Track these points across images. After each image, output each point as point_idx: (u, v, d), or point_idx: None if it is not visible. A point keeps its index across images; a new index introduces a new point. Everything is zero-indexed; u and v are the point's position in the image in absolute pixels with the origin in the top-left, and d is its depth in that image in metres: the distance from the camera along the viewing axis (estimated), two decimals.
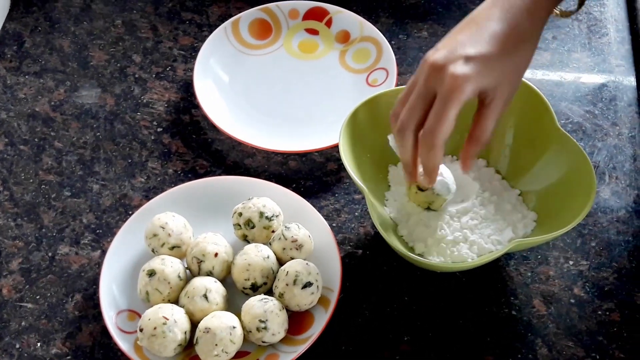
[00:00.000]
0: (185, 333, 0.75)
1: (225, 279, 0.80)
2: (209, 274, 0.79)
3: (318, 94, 0.99)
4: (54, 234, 0.86)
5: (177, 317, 0.74)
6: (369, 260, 0.84)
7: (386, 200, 0.84)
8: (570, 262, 0.83)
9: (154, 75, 1.00)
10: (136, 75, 1.00)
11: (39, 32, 1.05)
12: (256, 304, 0.75)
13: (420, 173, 0.74)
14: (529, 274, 0.82)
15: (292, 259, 0.79)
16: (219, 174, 0.90)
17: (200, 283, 0.77)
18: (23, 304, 0.81)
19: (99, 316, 0.79)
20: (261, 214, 0.81)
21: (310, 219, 0.83)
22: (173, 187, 0.86)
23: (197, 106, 0.95)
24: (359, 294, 0.81)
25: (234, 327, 0.74)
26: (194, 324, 0.76)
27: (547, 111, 0.81)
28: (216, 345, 0.73)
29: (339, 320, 0.79)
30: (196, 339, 0.74)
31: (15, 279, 0.83)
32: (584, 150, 0.78)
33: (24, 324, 0.80)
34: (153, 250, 0.80)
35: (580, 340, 0.78)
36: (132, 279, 0.80)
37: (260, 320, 0.74)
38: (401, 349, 0.78)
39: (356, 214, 0.87)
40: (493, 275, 0.82)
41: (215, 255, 0.79)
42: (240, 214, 0.81)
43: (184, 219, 0.82)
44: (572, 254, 0.84)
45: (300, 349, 0.75)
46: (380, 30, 1.00)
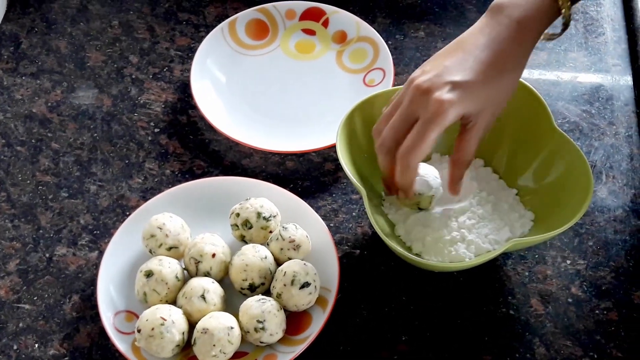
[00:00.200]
0: (183, 334, 0.75)
1: (223, 280, 0.80)
2: (207, 274, 0.79)
3: (315, 94, 0.99)
4: (51, 235, 0.86)
5: (175, 318, 0.74)
6: (367, 260, 0.84)
7: (383, 200, 0.84)
8: (568, 262, 0.83)
9: (150, 76, 1.00)
10: (133, 76, 1.00)
11: (35, 33, 1.05)
12: (254, 305, 0.75)
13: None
14: (527, 274, 0.82)
15: (290, 259, 0.79)
16: (217, 175, 0.90)
17: (198, 284, 0.77)
18: (20, 305, 0.81)
19: (96, 317, 0.78)
20: (259, 215, 0.81)
21: (308, 219, 0.83)
22: (170, 188, 0.86)
23: (194, 107, 0.95)
24: (356, 294, 0.81)
25: (232, 328, 0.74)
26: (192, 325, 0.76)
27: (544, 111, 0.81)
28: (214, 345, 0.73)
29: (336, 320, 0.79)
30: (194, 339, 0.74)
31: (13, 280, 0.83)
32: (580, 150, 0.78)
33: (21, 325, 0.80)
34: (150, 251, 0.80)
35: (578, 339, 0.78)
36: (130, 279, 0.80)
37: (258, 321, 0.74)
38: (399, 349, 0.78)
39: (354, 214, 0.87)
40: (491, 274, 0.82)
41: (213, 255, 0.79)
42: (238, 215, 0.81)
43: (181, 220, 0.82)
44: (570, 253, 0.84)
45: (298, 349, 0.75)
46: (377, 31, 1.00)
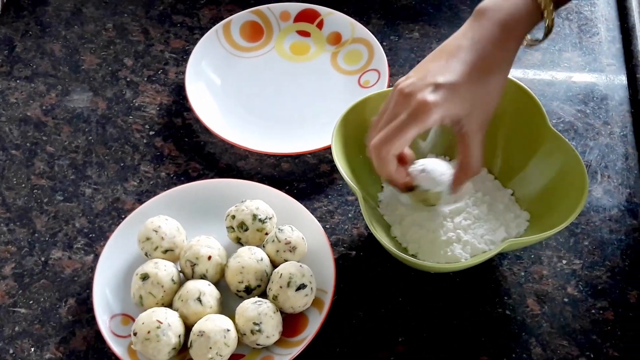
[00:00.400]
0: (179, 336, 0.75)
1: (219, 282, 0.80)
2: (203, 277, 0.78)
3: (310, 96, 0.99)
4: (47, 239, 0.86)
5: (171, 321, 0.74)
6: (363, 261, 0.84)
7: (379, 202, 0.84)
8: (564, 262, 0.83)
9: (145, 79, 1.00)
10: (128, 79, 1.00)
11: (29, 37, 1.04)
12: (250, 307, 0.75)
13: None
14: (523, 274, 0.82)
15: (286, 261, 0.79)
16: (212, 177, 0.90)
17: (194, 286, 0.76)
18: (16, 309, 0.81)
19: (92, 320, 0.78)
20: (254, 217, 0.81)
21: (304, 221, 0.83)
22: (166, 191, 0.86)
23: (189, 109, 0.95)
24: (353, 296, 0.81)
25: (228, 330, 0.74)
26: (188, 328, 0.75)
27: (539, 111, 0.81)
28: (210, 348, 0.73)
29: (333, 322, 0.79)
30: (190, 342, 0.74)
31: (8, 284, 0.82)
32: (575, 150, 0.78)
33: (17, 329, 0.79)
34: (146, 254, 0.80)
35: (574, 339, 0.78)
36: (126, 282, 0.80)
37: (255, 323, 0.74)
38: (396, 350, 0.78)
39: (349, 215, 0.87)
40: (487, 275, 0.82)
41: (209, 258, 0.79)
42: (234, 217, 0.81)
43: (177, 222, 0.82)
44: (565, 253, 0.84)
45: (295, 351, 0.75)
46: (372, 32, 1.00)
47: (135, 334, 0.74)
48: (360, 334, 0.79)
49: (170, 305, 0.77)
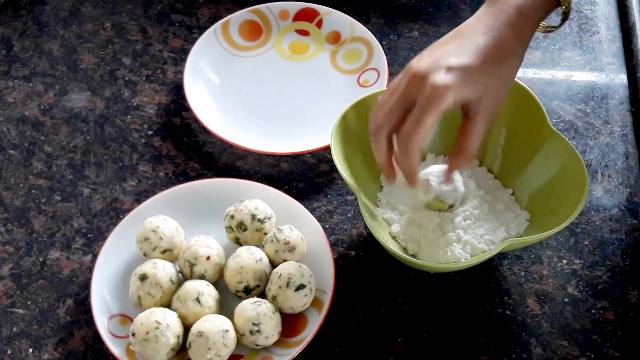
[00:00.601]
0: (178, 337, 0.74)
1: (218, 282, 0.80)
2: (202, 277, 0.78)
3: (309, 95, 0.98)
4: (45, 239, 0.85)
5: (170, 321, 0.74)
6: (362, 261, 0.83)
7: (379, 201, 0.84)
8: (564, 261, 0.83)
9: (144, 78, 1.00)
10: (126, 78, 1.00)
11: (27, 36, 1.04)
12: (249, 307, 0.75)
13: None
14: (523, 274, 0.82)
15: (285, 261, 0.79)
16: (211, 177, 0.90)
17: (193, 286, 0.76)
18: (14, 309, 0.81)
19: (90, 321, 0.78)
20: (253, 217, 0.80)
21: (303, 220, 0.83)
22: (164, 190, 0.86)
23: (188, 109, 0.95)
24: (352, 296, 0.81)
25: (227, 331, 0.73)
26: (187, 328, 0.75)
27: (539, 110, 0.81)
28: (209, 349, 0.72)
29: (332, 322, 0.78)
30: (189, 343, 0.74)
31: (6, 284, 0.82)
32: (576, 149, 0.78)
33: (15, 329, 0.79)
34: (145, 254, 0.80)
35: (575, 339, 0.78)
36: (124, 283, 0.79)
37: (254, 323, 0.74)
38: (396, 350, 0.77)
39: (349, 215, 0.87)
40: (487, 275, 0.82)
41: (208, 258, 0.78)
42: (232, 217, 0.81)
43: (175, 222, 0.81)
44: (566, 253, 0.84)
45: (294, 351, 0.74)
46: (371, 31, 1.00)
47: (133, 335, 0.74)
48: (359, 334, 0.78)
49: (169, 305, 0.77)
